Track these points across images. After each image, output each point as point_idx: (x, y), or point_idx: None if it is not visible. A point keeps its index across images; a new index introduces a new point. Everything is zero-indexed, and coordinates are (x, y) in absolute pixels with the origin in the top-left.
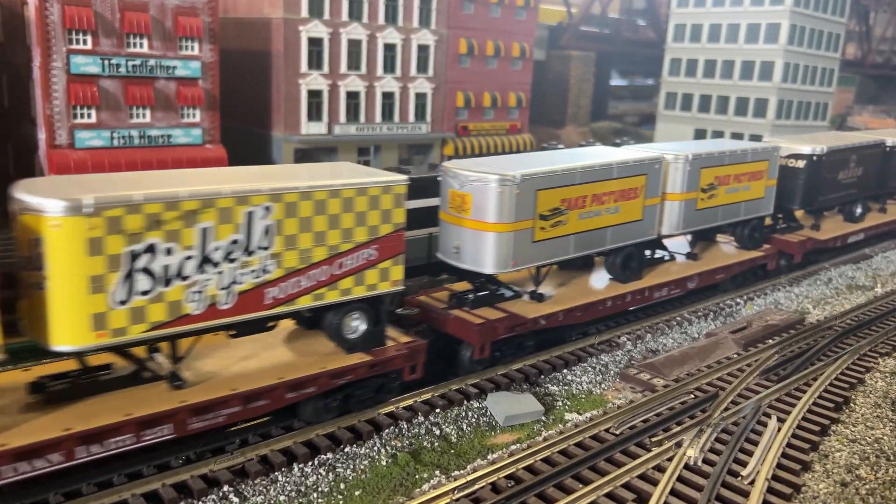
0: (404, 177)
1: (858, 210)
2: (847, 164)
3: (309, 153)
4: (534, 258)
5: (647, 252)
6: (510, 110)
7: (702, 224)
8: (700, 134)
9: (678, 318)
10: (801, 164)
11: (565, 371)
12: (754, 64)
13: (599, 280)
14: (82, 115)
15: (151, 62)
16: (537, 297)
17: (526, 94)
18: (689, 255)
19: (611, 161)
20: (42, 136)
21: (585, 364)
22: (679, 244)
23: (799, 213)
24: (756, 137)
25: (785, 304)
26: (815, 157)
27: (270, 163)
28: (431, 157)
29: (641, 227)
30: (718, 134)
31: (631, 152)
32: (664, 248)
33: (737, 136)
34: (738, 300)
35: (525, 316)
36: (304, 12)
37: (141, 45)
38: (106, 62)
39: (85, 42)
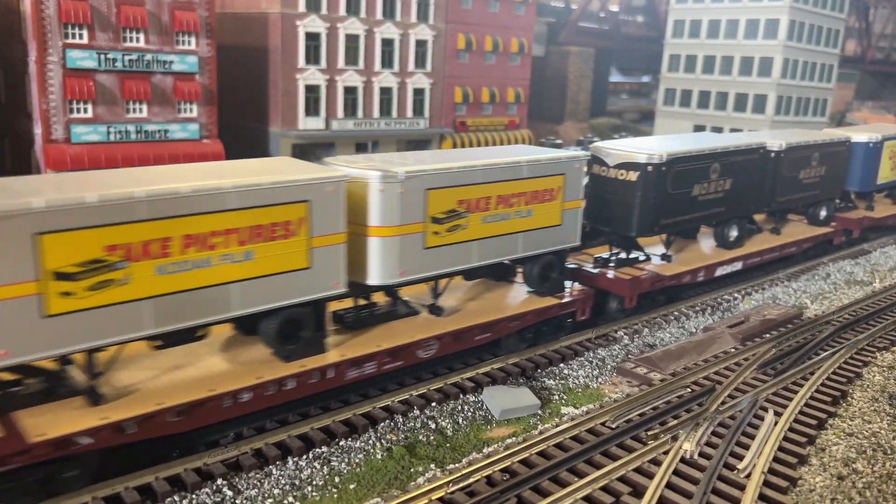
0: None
1: (734, 233)
2: (706, 174)
3: (306, 148)
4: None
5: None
6: (509, 106)
7: (439, 267)
8: (700, 130)
9: (675, 313)
10: (633, 176)
11: (562, 365)
12: (753, 60)
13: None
14: (78, 110)
15: (148, 57)
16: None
17: (524, 89)
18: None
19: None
20: (38, 130)
21: (582, 358)
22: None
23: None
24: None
25: (783, 299)
26: (651, 168)
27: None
28: None
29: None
30: (717, 130)
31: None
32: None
33: (736, 132)
34: (737, 295)
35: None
36: (302, 7)
37: (137, 40)
38: (102, 57)
39: (81, 36)
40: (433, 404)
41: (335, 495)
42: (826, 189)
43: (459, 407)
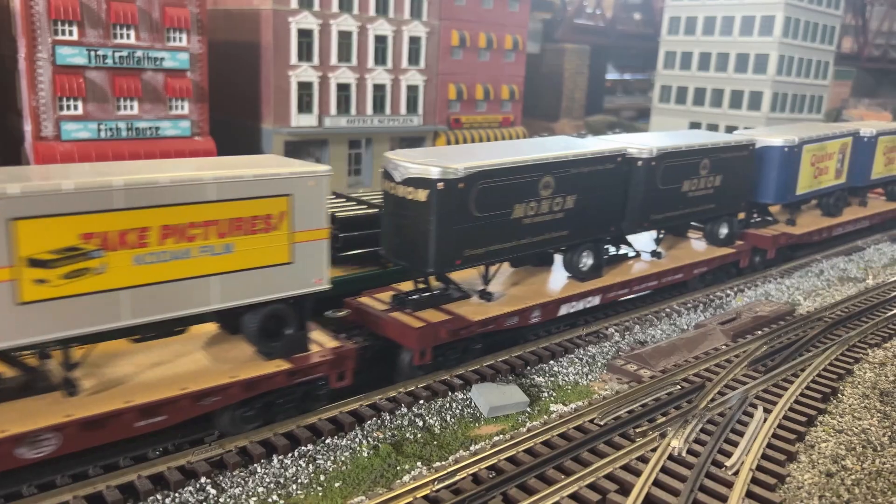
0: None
1: (588, 261)
2: (534, 192)
3: (299, 146)
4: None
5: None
6: (503, 103)
7: (45, 332)
8: (695, 127)
9: (667, 310)
10: (423, 195)
11: (552, 362)
12: (749, 57)
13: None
14: (68, 107)
15: (139, 53)
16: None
17: (519, 86)
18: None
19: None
20: (28, 128)
21: (572, 355)
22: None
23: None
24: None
25: (776, 295)
26: (442, 185)
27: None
28: None
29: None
30: (712, 127)
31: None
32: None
33: (732, 129)
34: (729, 291)
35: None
36: (294, 3)
37: (128, 37)
38: (92, 53)
39: (71, 33)
40: (421, 402)
41: (320, 493)
42: (724, 202)
43: (448, 404)
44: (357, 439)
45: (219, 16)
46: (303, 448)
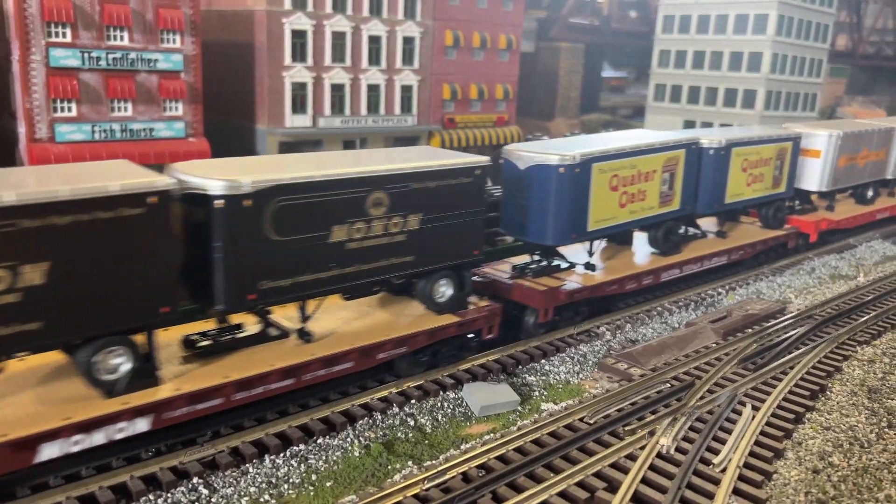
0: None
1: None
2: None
3: (294, 146)
4: None
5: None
6: (497, 102)
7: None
8: (689, 125)
9: (658, 308)
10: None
11: (543, 361)
12: (743, 55)
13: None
14: (62, 109)
15: (132, 55)
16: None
17: (513, 85)
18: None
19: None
20: (22, 130)
21: (564, 354)
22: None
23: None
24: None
25: (767, 293)
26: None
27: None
28: None
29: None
30: (707, 125)
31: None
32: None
33: (726, 126)
34: (720, 290)
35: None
36: (288, 4)
37: (121, 38)
38: (86, 55)
39: (64, 35)
40: (412, 401)
41: (311, 493)
42: (438, 253)
43: (439, 404)
44: (349, 439)
45: (212, 17)
46: (294, 448)
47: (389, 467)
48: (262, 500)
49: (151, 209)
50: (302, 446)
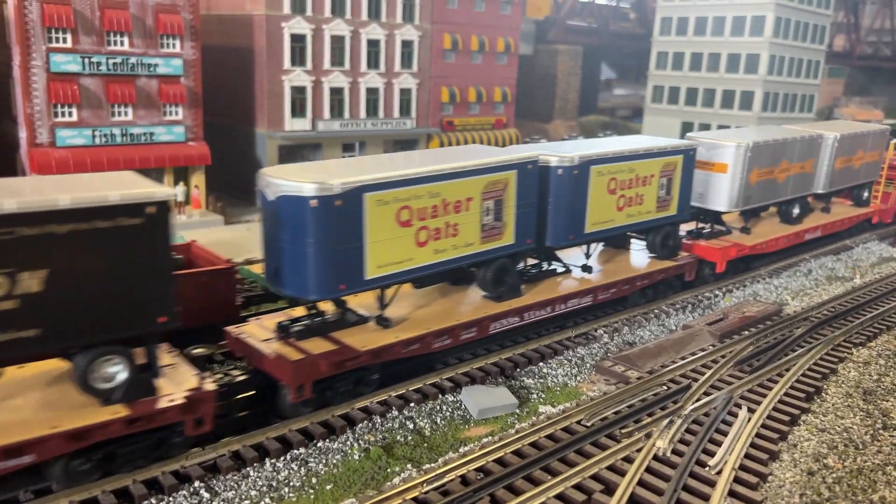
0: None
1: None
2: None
3: (293, 149)
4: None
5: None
6: (496, 105)
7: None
8: (687, 127)
9: (656, 311)
10: None
11: (541, 364)
12: (740, 56)
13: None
14: (63, 114)
15: (132, 60)
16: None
17: (511, 88)
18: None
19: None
20: (23, 134)
21: (561, 357)
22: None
23: None
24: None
25: (764, 295)
26: None
27: (255, 159)
28: None
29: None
30: (705, 127)
31: None
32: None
33: (724, 128)
34: (717, 292)
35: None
36: (287, 9)
37: (122, 43)
38: (86, 60)
39: (65, 40)
40: (411, 404)
41: (311, 496)
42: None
43: (438, 407)
44: (348, 442)
45: (212, 21)
46: (295, 451)
47: (389, 470)
48: (262, 503)
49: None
50: (302, 449)
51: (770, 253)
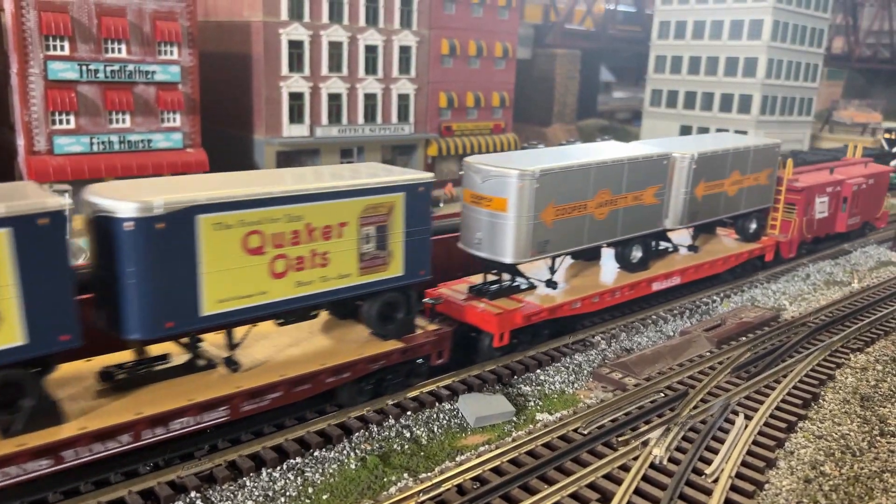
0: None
1: None
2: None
3: (291, 155)
4: None
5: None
6: (494, 110)
7: None
8: (686, 130)
9: (653, 317)
10: None
11: (538, 371)
12: (738, 60)
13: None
14: (61, 121)
15: (130, 67)
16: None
17: (509, 93)
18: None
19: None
20: (21, 142)
21: (559, 364)
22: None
23: None
24: (741, 134)
25: (762, 300)
26: None
27: (253, 166)
28: (415, 158)
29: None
30: (703, 130)
31: None
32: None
33: (722, 132)
34: (715, 298)
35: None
36: (284, 15)
37: (119, 51)
38: (84, 68)
39: (62, 48)
40: (408, 413)
41: None
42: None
43: (435, 415)
44: (345, 451)
45: (210, 28)
46: (291, 461)
47: (385, 479)
48: None
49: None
50: (299, 459)
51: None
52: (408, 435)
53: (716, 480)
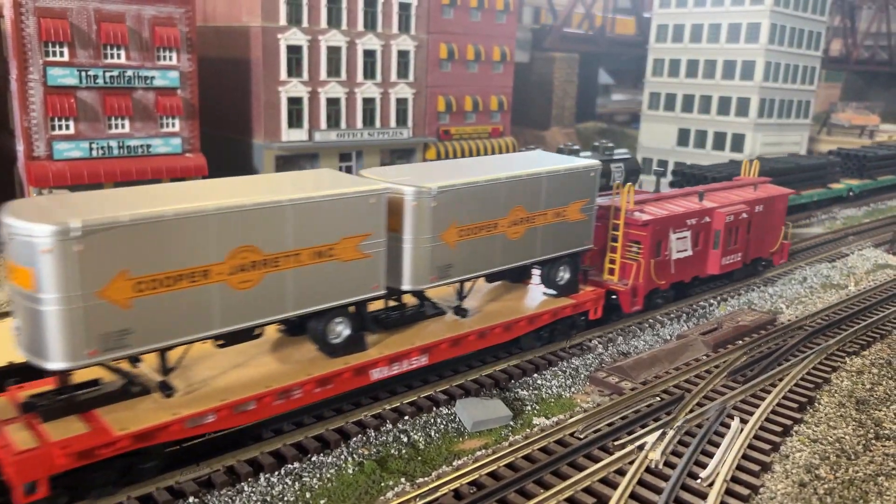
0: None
1: None
2: None
3: (290, 160)
4: None
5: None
6: (492, 114)
7: None
8: (684, 133)
9: (650, 321)
10: None
11: (535, 375)
12: (736, 63)
13: None
14: (60, 127)
15: (129, 73)
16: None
17: (508, 97)
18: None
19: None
20: (20, 147)
21: (556, 368)
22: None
23: None
24: (738, 137)
25: (759, 304)
26: None
27: (252, 170)
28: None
29: None
30: (701, 133)
31: None
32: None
33: (720, 135)
34: (712, 301)
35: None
36: (283, 20)
37: (118, 56)
38: (83, 74)
39: (62, 54)
40: (406, 417)
41: None
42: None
43: (432, 420)
44: (343, 456)
45: (209, 33)
46: (289, 466)
47: (382, 484)
48: None
49: None
50: (296, 464)
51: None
52: (405, 440)
53: (711, 484)
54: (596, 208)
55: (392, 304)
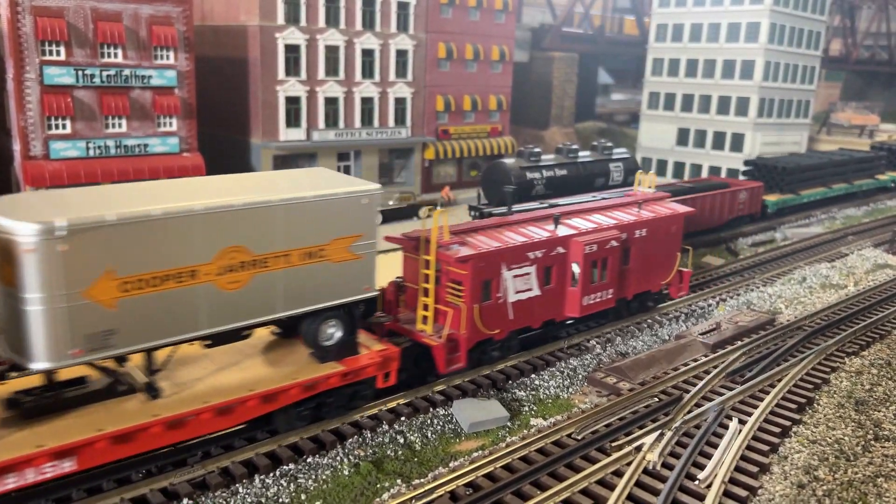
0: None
1: None
2: None
3: (288, 159)
4: None
5: None
6: (491, 113)
7: None
8: (683, 133)
9: (649, 321)
10: None
11: (533, 376)
12: (735, 63)
13: None
14: (57, 126)
15: (126, 72)
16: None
17: (506, 96)
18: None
19: None
20: (17, 147)
21: (554, 368)
22: None
23: None
24: (738, 137)
25: (758, 304)
26: None
27: (250, 170)
28: (412, 162)
29: None
30: (701, 133)
31: None
32: None
33: (719, 135)
34: (711, 301)
35: None
36: (281, 19)
37: (115, 55)
38: (80, 73)
39: (58, 53)
40: (402, 418)
41: None
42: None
43: (429, 421)
44: (338, 457)
45: (206, 32)
46: (284, 467)
47: (378, 486)
48: None
49: None
50: (292, 465)
51: None
52: (401, 441)
53: (709, 486)
54: (376, 245)
55: (46, 381)
